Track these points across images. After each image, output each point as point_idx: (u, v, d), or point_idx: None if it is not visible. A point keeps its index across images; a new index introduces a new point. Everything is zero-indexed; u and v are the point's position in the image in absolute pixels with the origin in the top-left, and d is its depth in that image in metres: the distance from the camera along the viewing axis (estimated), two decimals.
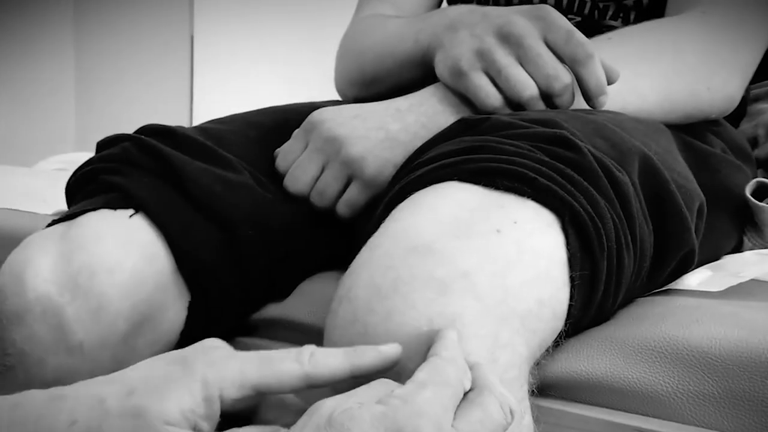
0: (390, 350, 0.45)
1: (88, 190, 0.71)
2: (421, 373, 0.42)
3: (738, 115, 0.98)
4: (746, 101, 1.00)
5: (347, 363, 0.44)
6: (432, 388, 0.41)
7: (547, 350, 0.55)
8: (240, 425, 0.42)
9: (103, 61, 3.02)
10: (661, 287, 0.69)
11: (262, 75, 2.84)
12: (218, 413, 0.42)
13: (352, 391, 0.41)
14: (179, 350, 0.44)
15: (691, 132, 0.84)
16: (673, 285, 0.69)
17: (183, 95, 2.95)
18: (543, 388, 0.57)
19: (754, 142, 1.06)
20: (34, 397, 0.42)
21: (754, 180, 0.79)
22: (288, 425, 0.41)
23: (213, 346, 0.44)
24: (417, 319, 0.46)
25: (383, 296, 0.47)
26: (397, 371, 0.45)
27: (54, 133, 2.96)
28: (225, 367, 0.42)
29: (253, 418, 0.46)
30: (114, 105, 2.94)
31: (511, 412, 0.43)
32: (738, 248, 0.83)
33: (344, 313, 0.49)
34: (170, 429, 0.40)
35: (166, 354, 0.44)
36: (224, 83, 2.89)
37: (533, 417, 0.51)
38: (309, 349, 0.44)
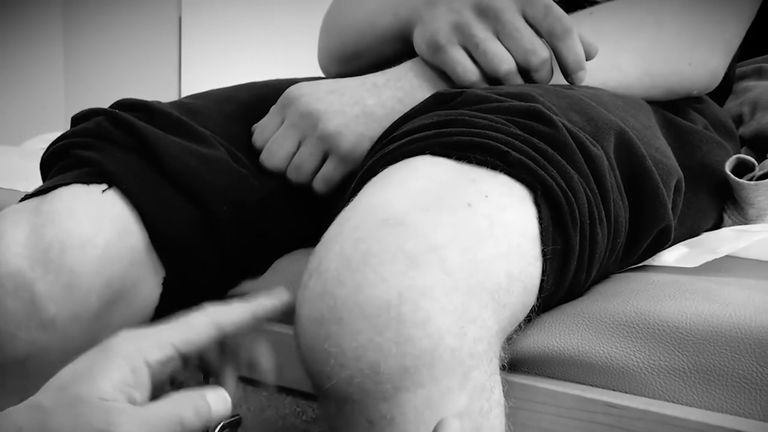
0: (282, 293, 0.53)
1: (61, 165, 0.70)
2: None
3: (723, 92, 0.97)
4: (731, 79, 1.00)
5: (249, 307, 0.51)
6: None
7: (519, 325, 0.55)
8: None
9: (92, 40, 3.00)
10: (637, 264, 0.69)
11: (250, 54, 2.82)
12: (148, 380, 0.45)
13: None
14: (100, 346, 0.47)
15: (673, 109, 0.83)
16: (650, 261, 0.69)
17: (171, 75, 2.93)
18: (514, 364, 0.57)
19: (740, 120, 1.05)
20: None
21: (734, 156, 0.78)
22: None
23: (125, 332, 0.48)
24: (387, 292, 0.45)
25: (353, 269, 0.47)
26: (363, 345, 0.45)
27: (43, 113, 2.94)
28: (141, 338, 0.46)
29: None
30: (103, 84, 2.92)
31: None
32: (718, 225, 0.82)
33: (314, 286, 0.48)
34: (108, 403, 0.43)
35: (87, 351, 0.47)
36: (212, 63, 2.88)
37: (504, 392, 0.51)
38: (210, 306, 0.50)
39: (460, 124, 0.57)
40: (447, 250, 0.48)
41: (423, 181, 0.52)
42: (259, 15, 2.85)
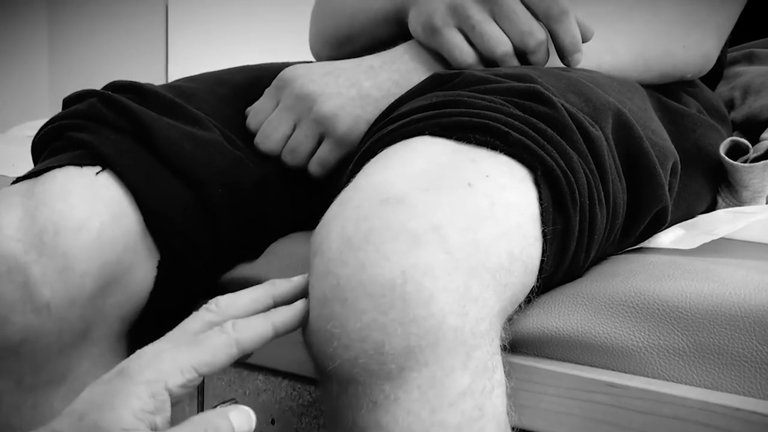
0: (301, 279, 0.52)
1: (53, 147, 0.69)
2: None
3: (714, 77, 0.98)
4: (723, 64, 1.00)
5: (269, 323, 0.49)
6: None
7: (519, 306, 0.55)
8: None
9: (77, 28, 2.97)
10: (634, 246, 0.69)
11: (237, 41, 2.80)
12: (168, 404, 0.45)
13: None
14: (113, 369, 0.46)
15: (667, 92, 0.83)
16: (646, 243, 0.69)
17: (158, 63, 2.91)
18: (514, 345, 0.57)
19: (731, 105, 1.06)
20: None
21: (729, 139, 0.78)
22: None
23: (140, 351, 0.47)
24: (391, 271, 0.45)
25: (356, 248, 0.46)
26: (367, 325, 0.45)
27: (27, 100, 2.91)
28: (160, 362, 0.45)
29: None
30: (89, 72, 2.89)
31: None
32: (712, 208, 0.83)
33: (317, 267, 0.48)
34: None
35: (103, 376, 0.46)
36: (199, 52, 2.86)
37: (505, 372, 0.51)
38: (228, 323, 0.48)
39: (459, 104, 0.56)
40: (448, 229, 0.47)
41: (423, 162, 0.52)
42: (246, 2, 2.83)
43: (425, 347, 0.45)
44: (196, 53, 2.87)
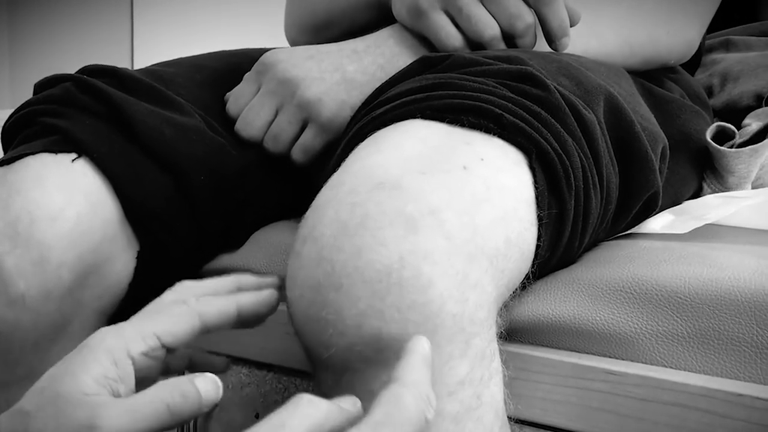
0: (269, 280, 0.52)
1: (26, 133, 0.67)
2: (378, 411, 0.38)
3: (694, 64, 0.98)
4: (701, 51, 1.00)
5: (232, 300, 0.48)
6: (389, 429, 0.38)
7: (514, 293, 0.54)
8: None
9: (39, 12, 2.90)
10: (625, 231, 0.68)
11: (204, 30, 2.76)
12: (132, 373, 0.44)
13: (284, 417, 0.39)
14: (80, 344, 0.45)
15: (650, 78, 0.83)
16: (637, 229, 0.68)
17: (124, 53, 2.86)
18: (510, 332, 0.56)
19: (710, 92, 1.06)
20: None
21: (715, 124, 0.78)
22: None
23: (105, 328, 0.45)
24: (388, 257, 0.44)
25: (351, 233, 0.45)
26: (364, 311, 0.43)
27: None
28: (122, 329, 0.44)
29: None
30: (51, 58, 2.83)
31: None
32: (697, 194, 0.82)
33: (309, 253, 0.46)
34: (90, 397, 0.41)
35: (67, 355, 0.45)
36: (165, 40, 2.81)
37: (502, 360, 0.50)
38: (191, 298, 0.48)
39: (450, 87, 0.55)
40: (445, 213, 0.46)
41: (416, 145, 0.50)
42: None
43: (423, 334, 0.44)
44: (162, 41, 2.82)
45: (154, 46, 2.84)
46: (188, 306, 0.47)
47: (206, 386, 0.44)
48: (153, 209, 0.65)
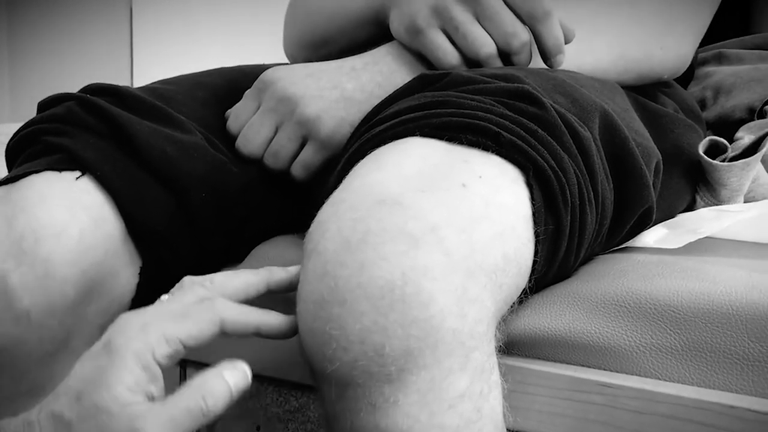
0: (297, 269, 0.53)
1: (30, 152, 0.68)
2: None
3: (687, 77, 0.99)
4: (694, 64, 1.01)
5: (257, 319, 0.51)
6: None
7: (511, 307, 0.55)
8: None
9: (39, 28, 2.91)
10: (619, 245, 0.69)
11: (203, 45, 2.77)
12: (160, 374, 0.46)
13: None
14: (97, 342, 0.48)
15: (644, 93, 0.84)
16: (631, 243, 0.69)
17: (123, 67, 2.87)
18: (507, 346, 0.57)
19: (702, 105, 1.07)
20: (4, 427, 0.45)
21: (707, 138, 0.79)
22: None
23: (124, 321, 0.48)
24: (390, 272, 0.45)
25: (353, 249, 0.46)
26: (367, 327, 0.44)
27: None
28: (146, 334, 0.46)
29: None
30: (51, 77, 2.84)
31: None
32: (691, 207, 0.83)
33: (313, 267, 0.47)
34: (129, 408, 0.44)
35: (89, 350, 0.47)
36: (164, 55, 2.82)
37: (500, 373, 0.51)
38: (219, 300, 0.50)
39: (448, 105, 0.56)
40: (445, 230, 0.47)
41: (416, 162, 0.51)
42: (213, 5, 2.80)
43: (425, 349, 0.45)
44: (162, 54, 2.83)
45: (154, 59, 2.85)
46: (213, 313, 0.49)
47: (236, 378, 0.47)
48: (155, 226, 0.66)
